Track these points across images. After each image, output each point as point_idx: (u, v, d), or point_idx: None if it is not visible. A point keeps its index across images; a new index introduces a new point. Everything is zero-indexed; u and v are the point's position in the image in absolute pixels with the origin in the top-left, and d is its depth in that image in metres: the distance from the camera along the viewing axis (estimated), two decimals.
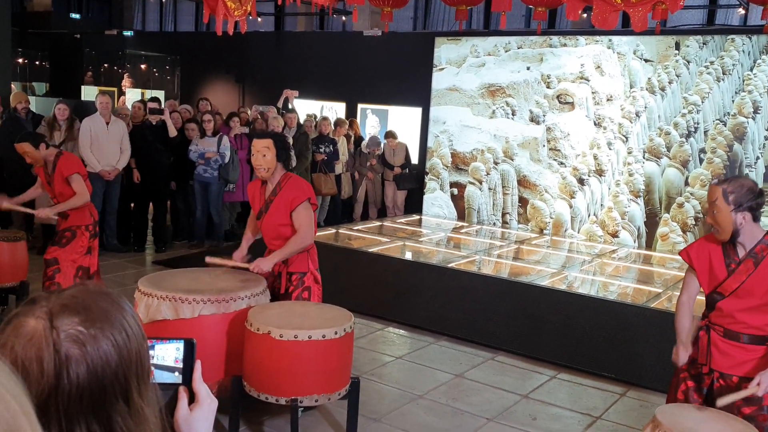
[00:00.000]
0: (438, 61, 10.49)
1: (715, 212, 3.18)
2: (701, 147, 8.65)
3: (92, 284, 1.15)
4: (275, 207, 4.29)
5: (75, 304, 1.06)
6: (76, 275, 5.43)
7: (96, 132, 7.76)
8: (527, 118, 9.79)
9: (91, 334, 1.04)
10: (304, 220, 4.24)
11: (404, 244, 8.50)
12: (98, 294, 1.10)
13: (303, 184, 4.37)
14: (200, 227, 8.67)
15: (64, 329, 1.03)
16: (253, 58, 13.46)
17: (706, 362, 3.30)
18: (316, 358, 3.64)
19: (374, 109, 11.92)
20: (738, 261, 3.22)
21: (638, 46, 9.00)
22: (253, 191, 4.48)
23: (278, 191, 4.29)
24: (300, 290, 4.33)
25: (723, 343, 3.29)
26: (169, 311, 3.90)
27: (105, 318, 1.07)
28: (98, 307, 1.07)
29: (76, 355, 1.02)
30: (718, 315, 3.30)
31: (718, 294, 3.28)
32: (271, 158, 4.22)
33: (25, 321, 1.04)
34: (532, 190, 9.79)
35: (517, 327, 6.10)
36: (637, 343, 5.66)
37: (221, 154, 8.40)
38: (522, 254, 8.56)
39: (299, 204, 4.23)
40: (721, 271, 3.26)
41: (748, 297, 3.20)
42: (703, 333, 3.35)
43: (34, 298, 1.08)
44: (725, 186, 3.17)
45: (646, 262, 8.50)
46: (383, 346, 5.71)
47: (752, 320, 3.23)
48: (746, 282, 3.19)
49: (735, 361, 3.25)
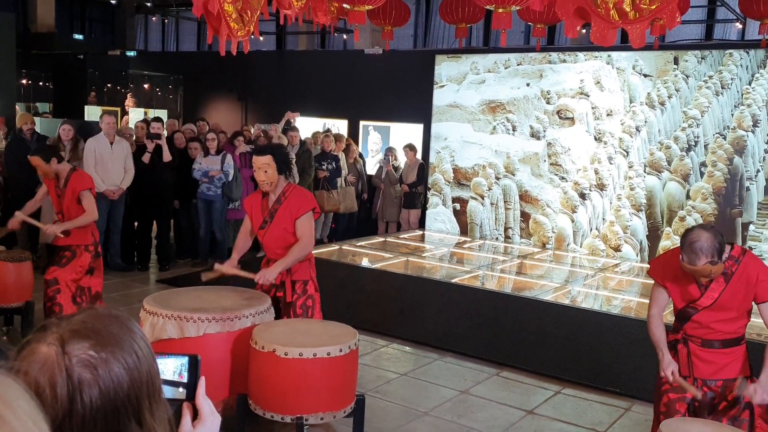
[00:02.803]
0: (438, 78, 10.56)
1: (712, 273, 3.18)
2: (702, 160, 8.68)
3: (102, 308, 1.17)
4: (280, 216, 4.36)
5: (85, 329, 1.08)
6: (75, 295, 5.43)
7: (100, 152, 7.82)
8: (528, 133, 9.84)
9: (102, 357, 1.06)
10: (307, 228, 4.34)
11: (407, 260, 8.52)
12: (108, 318, 1.13)
13: (307, 194, 4.49)
14: (203, 245, 8.70)
15: (75, 354, 1.05)
16: (256, 77, 13.55)
17: (689, 373, 3.35)
18: (321, 376, 3.65)
19: (376, 126, 11.98)
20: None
21: (637, 62, 9.05)
22: (252, 203, 4.52)
23: (283, 200, 4.37)
24: (304, 298, 4.40)
25: (702, 351, 3.36)
26: (174, 330, 3.92)
27: (115, 341, 1.09)
28: (108, 331, 1.10)
29: (89, 379, 1.04)
30: (695, 327, 3.36)
31: (692, 308, 3.32)
32: (272, 173, 4.31)
33: (36, 348, 1.06)
34: (534, 205, 9.81)
35: (521, 342, 6.11)
36: (642, 358, 5.65)
37: (225, 172, 8.45)
38: (525, 269, 8.57)
39: (304, 213, 4.33)
40: (693, 288, 3.32)
41: (724, 311, 3.28)
42: (681, 346, 3.40)
43: (44, 325, 1.10)
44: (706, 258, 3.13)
45: (648, 276, 8.48)
46: (388, 363, 5.71)
47: (728, 328, 3.32)
48: (720, 298, 3.26)
49: (717, 367, 3.33)
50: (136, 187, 8.20)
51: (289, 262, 4.31)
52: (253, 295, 4.34)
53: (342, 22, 7.20)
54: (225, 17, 5.12)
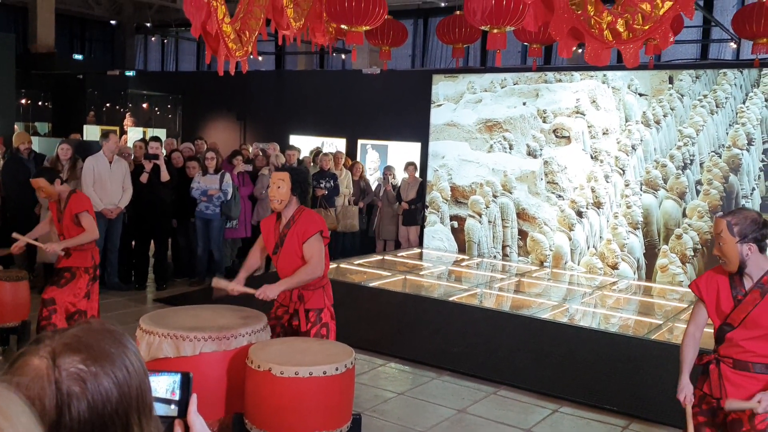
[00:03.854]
0: (436, 98, 10.62)
1: (721, 244, 3.23)
2: (697, 179, 8.72)
3: (96, 323, 1.18)
4: (289, 240, 4.30)
5: (77, 343, 1.09)
6: (71, 317, 5.39)
7: (99, 171, 7.84)
8: (524, 152, 9.89)
9: (92, 371, 1.07)
10: (314, 251, 4.25)
11: (405, 278, 8.52)
12: (101, 332, 1.13)
13: (315, 217, 4.40)
14: (201, 264, 8.71)
15: (65, 368, 1.06)
16: (254, 97, 13.63)
17: (720, 396, 3.29)
18: (317, 395, 3.64)
19: (374, 145, 12.03)
20: (745, 292, 3.25)
21: (632, 81, 9.12)
22: (267, 227, 4.47)
23: (292, 224, 4.31)
24: (318, 327, 4.31)
25: (734, 374, 3.29)
26: (170, 349, 3.92)
27: (106, 356, 1.10)
28: (100, 345, 1.11)
29: (77, 392, 1.05)
30: (727, 346, 3.31)
31: (728, 325, 3.29)
32: (285, 190, 4.27)
33: (29, 360, 1.07)
34: (531, 223, 9.84)
35: (519, 361, 6.10)
36: (640, 376, 5.66)
37: (223, 191, 8.48)
38: (523, 287, 8.58)
39: (311, 236, 4.25)
40: (728, 302, 3.29)
41: (755, 327, 3.22)
42: (713, 367, 3.35)
43: (38, 338, 1.12)
44: (729, 218, 3.22)
45: (646, 294, 8.51)
46: (385, 382, 5.70)
47: (760, 349, 3.25)
48: (753, 312, 3.21)
49: (748, 393, 3.23)
50: (134, 206, 8.22)
51: (293, 283, 4.23)
52: (250, 313, 4.34)
53: (340, 42, 7.26)
54: (223, 38, 5.17)
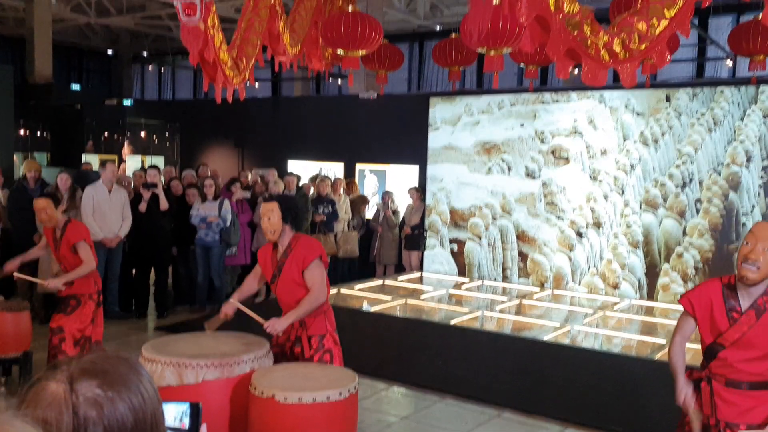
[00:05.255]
0: (433, 121, 10.66)
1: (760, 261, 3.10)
2: (697, 197, 8.72)
3: (111, 350, 1.20)
4: (288, 269, 4.27)
5: (94, 369, 1.10)
6: (78, 343, 5.39)
7: (98, 200, 7.84)
8: (523, 173, 9.90)
9: (109, 396, 1.08)
10: (316, 278, 4.23)
11: (406, 302, 8.49)
12: (117, 359, 1.15)
13: (313, 243, 4.38)
14: (202, 291, 8.68)
15: (82, 392, 1.07)
16: (252, 123, 13.68)
17: (711, 413, 3.27)
18: (320, 421, 3.61)
19: (372, 169, 12.06)
20: (740, 311, 3.22)
21: (629, 100, 9.16)
22: (264, 256, 4.44)
23: (289, 252, 4.28)
24: (321, 353, 4.27)
25: (726, 392, 3.26)
26: (173, 377, 3.89)
27: (122, 382, 1.11)
28: (116, 371, 1.12)
29: (94, 417, 1.06)
30: (720, 365, 3.27)
31: (719, 345, 3.26)
32: (276, 220, 4.24)
33: (46, 385, 1.08)
34: (531, 245, 9.82)
35: (521, 383, 6.06)
36: (643, 396, 5.61)
37: (222, 218, 8.47)
38: (524, 309, 8.54)
39: (311, 262, 4.23)
40: (723, 320, 3.24)
41: (750, 349, 3.18)
42: (704, 384, 3.31)
43: (56, 364, 1.13)
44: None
45: (648, 314, 8.47)
46: (388, 407, 5.66)
47: (753, 369, 3.22)
48: (748, 333, 3.17)
49: (740, 410, 3.22)
50: (134, 234, 8.21)
51: (300, 313, 4.19)
52: (252, 340, 4.31)
53: (337, 67, 7.30)
54: (221, 65, 5.20)
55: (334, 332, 4.41)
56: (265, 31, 5.54)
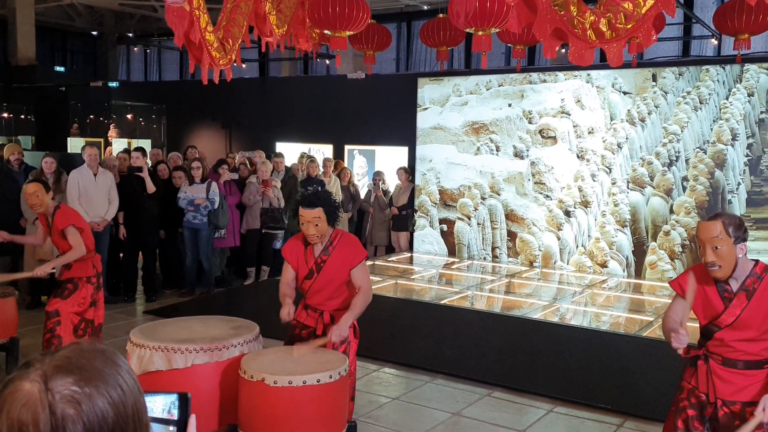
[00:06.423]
0: (422, 101, 10.63)
1: (718, 247, 3.11)
2: (684, 175, 8.76)
3: (86, 343, 1.15)
4: (330, 267, 4.18)
5: (69, 365, 1.07)
6: (78, 327, 5.38)
7: (84, 184, 7.77)
8: (511, 153, 9.91)
9: (86, 392, 1.05)
10: (366, 277, 4.25)
11: (396, 283, 8.51)
12: (92, 352, 1.11)
13: (356, 242, 4.33)
14: (190, 274, 8.65)
15: (58, 390, 1.04)
16: (239, 105, 13.59)
17: (707, 391, 3.30)
18: (311, 404, 3.62)
19: (361, 150, 12.03)
20: (732, 291, 3.23)
21: (616, 79, 9.16)
22: (295, 253, 4.26)
23: (331, 250, 4.18)
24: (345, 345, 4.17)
25: (722, 370, 3.29)
26: (162, 362, 3.89)
27: (99, 376, 1.08)
28: (92, 365, 1.08)
29: (72, 414, 1.03)
30: (717, 345, 3.30)
31: (715, 326, 3.29)
32: (323, 226, 4.09)
33: (20, 385, 1.05)
34: (520, 224, 9.86)
35: (511, 362, 6.10)
36: (632, 373, 5.67)
37: (210, 200, 8.44)
38: (513, 288, 8.58)
39: (360, 262, 4.20)
40: (717, 301, 3.26)
41: (745, 329, 3.21)
42: (701, 362, 3.34)
43: (28, 362, 1.09)
44: (723, 219, 3.14)
45: (636, 291, 8.54)
46: (379, 388, 5.69)
47: (750, 348, 3.25)
48: (741, 316, 3.19)
49: (736, 387, 3.25)
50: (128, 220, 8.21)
51: (357, 314, 4.15)
52: (241, 324, 4.32)
53: (324, 47, 7.25)
54: (206, 46, 5.14)
55: (356, 323, 4.34)
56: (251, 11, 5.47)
